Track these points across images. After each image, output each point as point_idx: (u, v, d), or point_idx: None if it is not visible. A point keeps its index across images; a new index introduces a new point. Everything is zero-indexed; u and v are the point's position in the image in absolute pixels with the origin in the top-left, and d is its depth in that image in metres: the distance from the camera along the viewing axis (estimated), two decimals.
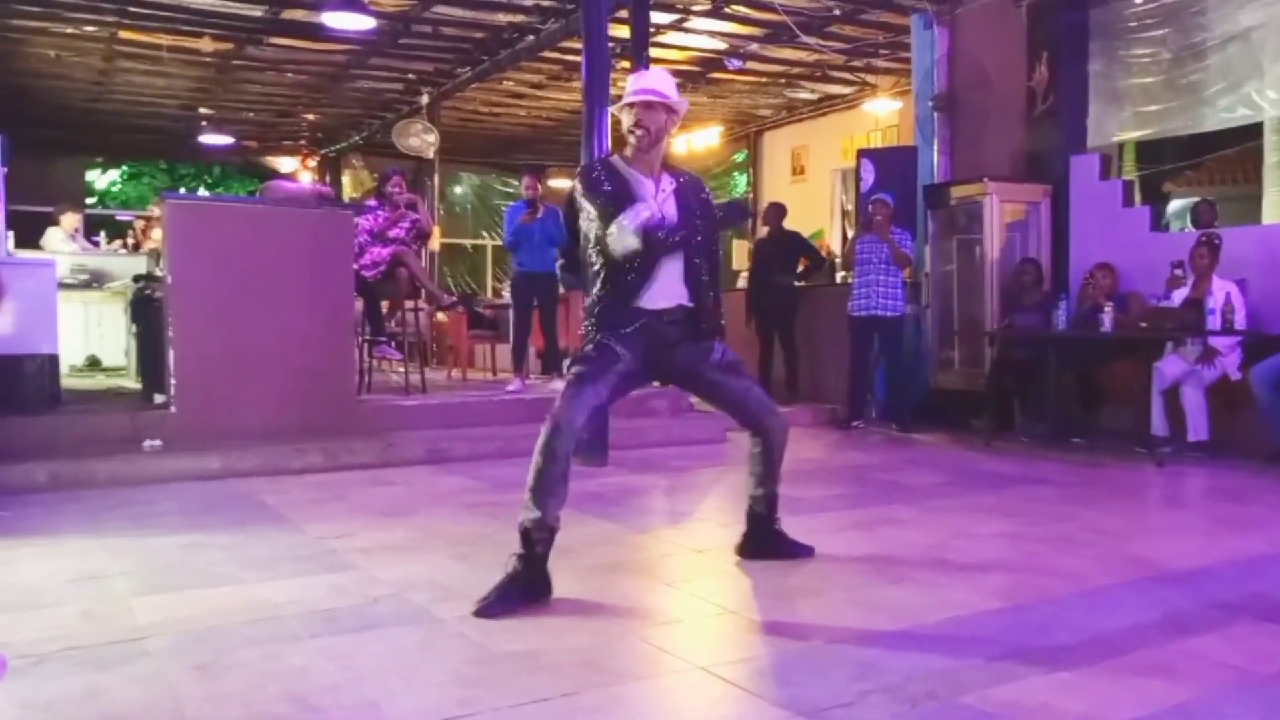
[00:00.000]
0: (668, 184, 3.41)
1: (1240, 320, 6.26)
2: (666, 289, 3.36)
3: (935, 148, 8.65)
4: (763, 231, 9.60)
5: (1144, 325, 6.35)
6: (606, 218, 3.24)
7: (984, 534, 4.13)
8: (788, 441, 3.60)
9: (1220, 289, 6.32)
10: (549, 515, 3.09)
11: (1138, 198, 8.87)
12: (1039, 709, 2.26)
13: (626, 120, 3.33)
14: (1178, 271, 6.67)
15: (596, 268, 3.33)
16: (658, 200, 3.32)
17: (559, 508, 3.12)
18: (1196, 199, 10.07)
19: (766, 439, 3.54)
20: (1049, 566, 3.58)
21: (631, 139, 3.33)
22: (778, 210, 9.19)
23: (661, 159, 3.44)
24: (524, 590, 3.04)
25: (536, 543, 3.08)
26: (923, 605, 3.08)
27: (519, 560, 3.07)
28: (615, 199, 3.27)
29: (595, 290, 3.35)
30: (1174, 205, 14.29)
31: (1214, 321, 6.19)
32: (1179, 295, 6.54)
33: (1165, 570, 3.53)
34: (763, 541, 3.65)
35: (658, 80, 3.40)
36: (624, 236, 3.17)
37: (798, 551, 3.67)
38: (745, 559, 3.65)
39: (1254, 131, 10.00)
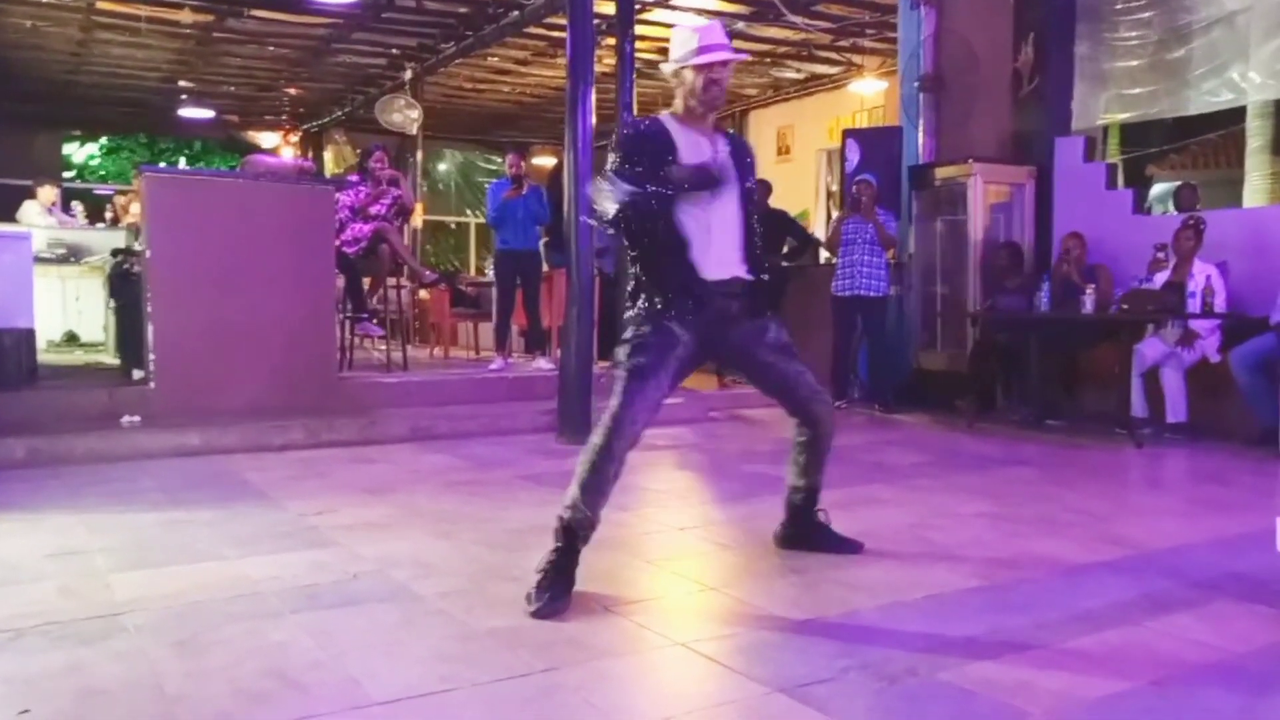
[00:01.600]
0: (722, 145, 3.21)
1: (1220, 303, 6.31)
2: (724, 259, 3.13)
3: (921, 128, 8.65)
4: None
5: (1125, 307, 6.38)
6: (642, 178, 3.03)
7: (965, 514, 4.16)
8: (834, 436, 3.38)
9: (1201, 272, 6.36)
10: (596, 515, 2.96)
11: (1121, 180, 8.92)
12: (1017, 686, 2.28)
13: (695, 79, 3.09)
14: (1160, 254, 6.71)
15: (645, 238, 3.08)
16: (717, 159, 3.13)
17: (605, 505, 2.99)
18: (1179, 182, 10.12)
19: (815, 427, 3.33)
20: (1029, 546, 3.61)
21: (705, 97, 3.10)
22: (763, 188, 9.17)
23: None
24: (567, 584, 2.88)
25: (580, 539, 2.94)
26: (903, 584, 3.10)
27: (558, 555, 2.91)
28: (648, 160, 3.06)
29: (644, 262, 3.10)
30: (1157, 188, 14.38)
31: (1194, 304, 6.23)
32: (1160, 278, 6.57)
33: (1145, 550, 3.57)
34: (805, 533, 3.45)
35: (723, 34, 3.15)
36: (603, 198, 3.03)
37: (845, 547, 3.44)
38: (784, 549, 3.46)
39: (1237, 116, 10.07)
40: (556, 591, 2.83)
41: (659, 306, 3.05)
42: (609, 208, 3.03)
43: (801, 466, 3.41)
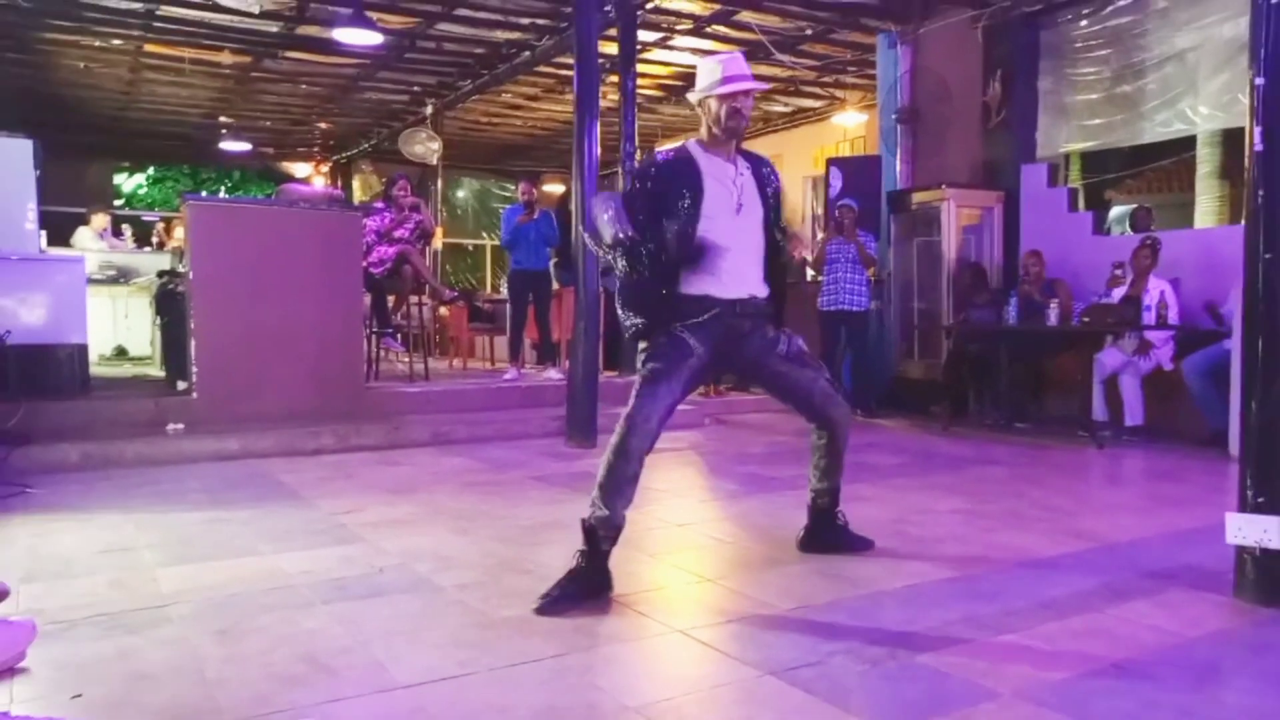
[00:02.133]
0: (744, 166, 3.10)
1: (1173, 316, 6.31)
2: (740, 277, 3.03)
3: (898, 157, 8.67)
4: None
5: (1086, 320, 6.39)
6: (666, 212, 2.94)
7: (941, 510, 4.15)
8: (849, 438, 3.31)
9: (1155, 287, 6.37)
10: (616, 515, 2.85)
11: (1082, 204, 8.93)
12: (988, 668, 2.28)
13: (719, 108, 3.01)
14: (1118, 271, 6.72)
15: (663, 256, 2.94)
16: (736, 185, 3.05)
17: (626, 507, 2.89)
18: (1135, 205, 10.12)
19: (833, 431, 3.25)
20: (999, 540, 3.61)
21: (729, 125, 3.01)
22: None
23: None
24: (586, 586, 2.80)
25: (602, 540, 2.85)
26: (884, 575, 3.10)
27: (583, 557, 2.84)
28: (666, 195, 2.97)
29: (663, 278, 2.96)
30: (1115, 211, 14.35)
31: (1149, 317, 6.24)
32: (1119, 293, 6.58)
33: (1105, 543, 3.57)
34: (826, 535, 3.37)
35: (745, 65, 3.06)
36: (603, 224, 2.93)
37: (859, 545, 3.38)
38: (806, 552, 3.36)
39: (1188, 144, 10.07)
40: (568, 592, 2.77)
41: (674, 318, 2.97)
42: (605, 233, 2.93)
43: (823, 470, 3.33)
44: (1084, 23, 7.69)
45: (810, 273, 9.63)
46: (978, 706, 2.07)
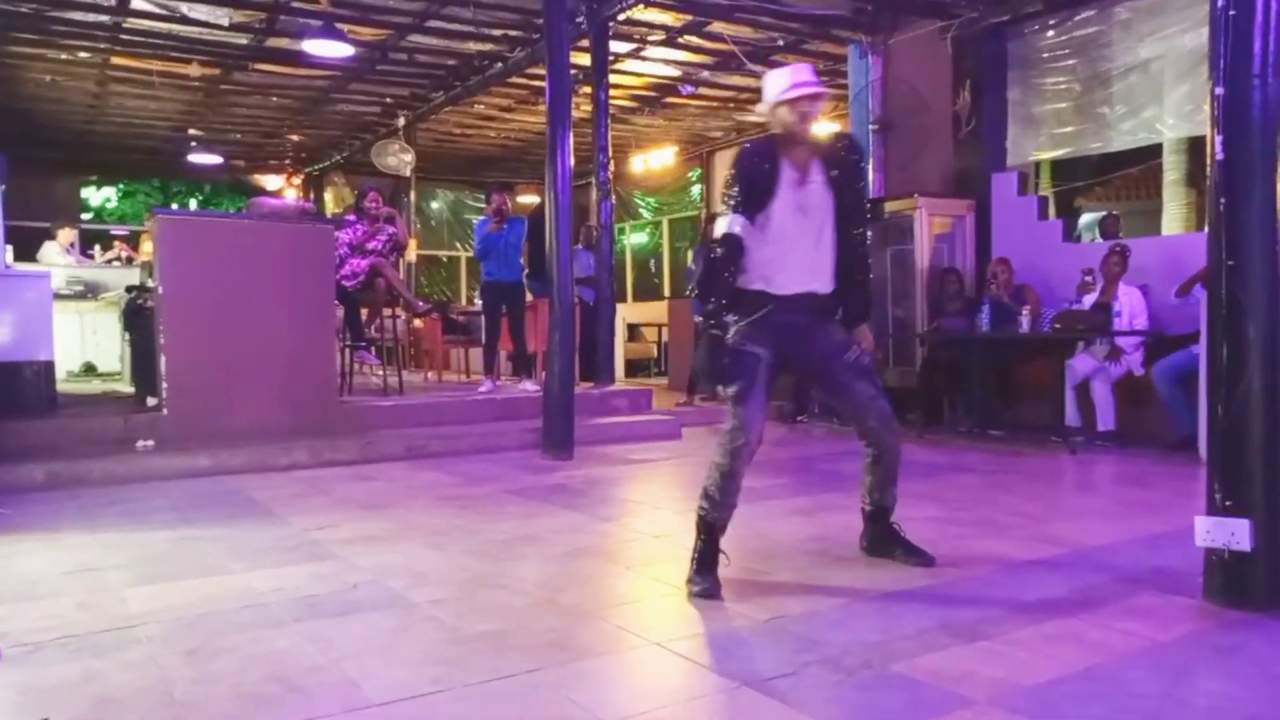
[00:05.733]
0: (817, 173, 3.18)
1: (1143, 322, 6.40)
2: (798, 275, 3.15)
3: (870, 166, 8.74)
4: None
5: (1058, 326, 6.46)
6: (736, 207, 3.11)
7: (916, 518, 4.15)
8: (900, 460, 3.40)
9: (1125, 294, 6.46)
10: (728, 513, 3.17)
11: (1052, 211, 9.04)
12: (962, 675, 2.29)
13: (790, 115, 3.12)
14: (1088, 278, 6.80)
15: (726, 253, 3.11)
16: (806, 189, 3.15)
17: (734, 508, 3.18)
18: (1104, 213, 10.26)
19: (881, 453, 3.35)
20: (974, 546, 3.63)
21: (801, 128, 3.14)
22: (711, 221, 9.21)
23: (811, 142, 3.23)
24: (712, 564, 3.11)
25: (718, 531, 3.17)
26: (859, 583, 3.12)
27: (706, 545, 3.14)
28: (753, 190, 3.12)
29: (725, 275, 3.12)
30: (1084, 218, 14.56)
31: (1120, 323, 6.32)
32: (1089, 299, 6.66)
33: (1077, 548, 3.60)
34: (880, 541, 3.47)
35: (810, 73, 3.18)
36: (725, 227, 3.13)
37: (915, 556, 3.36)
38: (867, 555, 3.47)
39: (1155, 152, 10.23)
40: (714, 571, 3.09)
41: (735, 317, 3.15)
42: (720, 228, 3.15)
43: (868, 486, 3.45)
44: (1050, 33, 7.79)
45: None
46: (952, 713, 2.08)
